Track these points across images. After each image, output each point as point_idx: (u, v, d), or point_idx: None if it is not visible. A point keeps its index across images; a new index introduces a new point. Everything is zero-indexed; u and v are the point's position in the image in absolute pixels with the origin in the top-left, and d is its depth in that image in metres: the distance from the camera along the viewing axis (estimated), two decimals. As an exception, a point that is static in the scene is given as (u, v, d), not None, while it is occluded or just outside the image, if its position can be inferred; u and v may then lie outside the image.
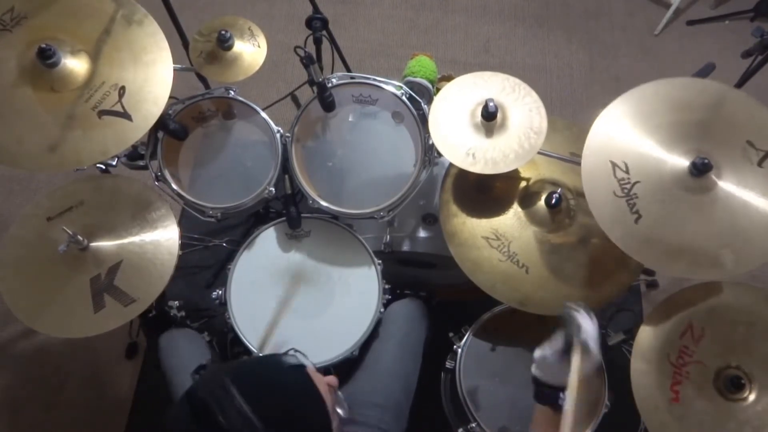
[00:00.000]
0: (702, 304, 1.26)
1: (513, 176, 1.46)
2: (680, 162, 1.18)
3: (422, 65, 1.72)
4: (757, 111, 1.20)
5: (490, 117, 1.33)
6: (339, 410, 0.97)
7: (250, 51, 1.56)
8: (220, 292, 1.47)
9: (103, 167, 1.57)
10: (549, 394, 1.08)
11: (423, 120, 1.46)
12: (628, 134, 1.21)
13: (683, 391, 1.19)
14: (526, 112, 1.35)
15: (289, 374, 0.93)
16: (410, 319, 1.50)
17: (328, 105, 1.47)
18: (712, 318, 1.24)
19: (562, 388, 1.03)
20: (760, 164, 1.17)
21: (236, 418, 0.80)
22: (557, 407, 1.06)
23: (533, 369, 1.10)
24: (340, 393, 1.01)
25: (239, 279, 1.49)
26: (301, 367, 0.94)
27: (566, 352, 1.04)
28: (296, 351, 1.01)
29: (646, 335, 1.25)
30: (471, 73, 1.41)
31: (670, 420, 1.18)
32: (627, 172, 1.19)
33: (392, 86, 1.49)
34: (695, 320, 1.24)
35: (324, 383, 0.95)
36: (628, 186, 1.18)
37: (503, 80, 1.39)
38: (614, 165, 1.19)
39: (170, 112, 1.48)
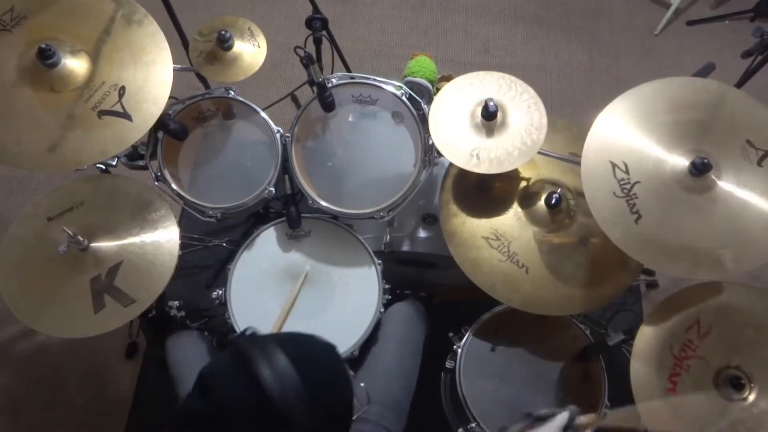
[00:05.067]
0: (713, 301, 1.26)
1: (513, 176, 1.46)
2: (680, 162, 1.18)
3: (422, 65, 1.72)
4: (756, 110, 1.21)
5: (490, 117, 1.33)
6: (354, 400, 0.98)
7: (250, 51, 1.56)
8: (220, 292, 1.47)
9: (103, 167, 1.57)
10: None
11: (423, 120, 1.46)
12: (627, 134, 1.21)
13: (681, 383, 1.20)
14: (525, 108, 1.36)
15: (328, 350, 0.94)
16: (410, 319, 1.50)
17: (328, 105, 1.46)
18: (721, 317, 1.24)
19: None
20: (759, 163, 1.17)
21: (277, 373, 0.79)
22: None
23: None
24: (362, 384, 1.01)
25: (239, 279, 1.49)
26: (334, 347, 0.95)
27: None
28: None
29: (651, 325, 1.26)
30: (467, 74, 1.41)
31: (662, 407, 1.18)
32: (627, 172, 1.19)
33: (392, 86, 1.49)
34: (703, 316, 1.24)
35: None
36: (627, 186, 1.18)
37: (499, 79, 1.39)
38: (614, 165, 1.19)
39: (170, 112, 1.48)
